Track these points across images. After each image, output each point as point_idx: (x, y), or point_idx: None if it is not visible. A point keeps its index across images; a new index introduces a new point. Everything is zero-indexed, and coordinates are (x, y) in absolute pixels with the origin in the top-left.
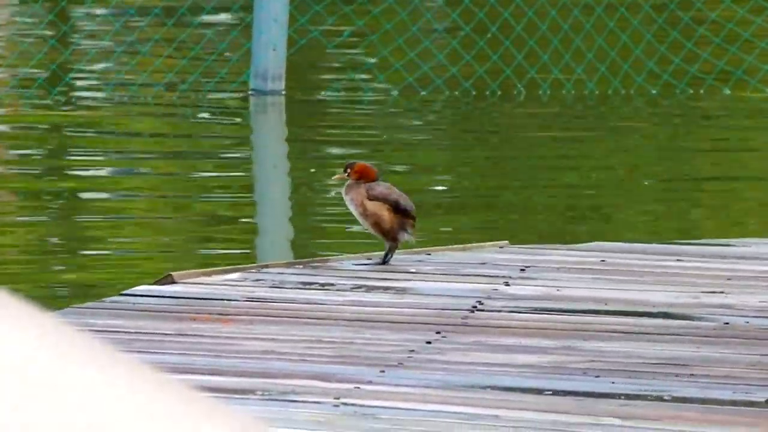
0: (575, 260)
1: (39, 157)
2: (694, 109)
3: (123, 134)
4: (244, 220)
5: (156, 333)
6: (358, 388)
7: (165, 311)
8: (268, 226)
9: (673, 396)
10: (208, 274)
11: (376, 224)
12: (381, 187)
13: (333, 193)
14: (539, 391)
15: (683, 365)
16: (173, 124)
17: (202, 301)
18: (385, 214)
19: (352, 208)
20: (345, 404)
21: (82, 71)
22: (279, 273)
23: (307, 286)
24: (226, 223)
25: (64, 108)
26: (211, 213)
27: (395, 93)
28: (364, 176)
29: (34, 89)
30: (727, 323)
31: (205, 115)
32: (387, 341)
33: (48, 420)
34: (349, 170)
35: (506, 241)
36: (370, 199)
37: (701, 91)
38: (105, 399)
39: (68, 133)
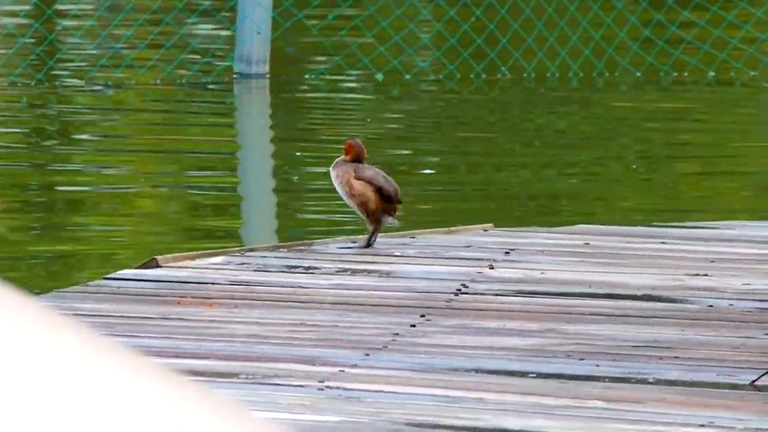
0: (559, 243)
1: (22, 140)
2: (678, 92)
3: (106, 117)
4: (228, 203)
5: (140, 317)
6: (343, 371)
7: (149, 295)
8: (253, 209)
9: (656, 378)
10: (192, 258)
11: (363, 204)
12: (369, 171)
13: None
14: (523, 374)
15: (667, 348)
16: (157, 108)
17: (186, 284)
18: (372, 195)
19: (336, 185)
20: (329, 387)
21: (66, 54)
22: (263, 256)
23: (292, 270)
24: (210, 206)
25: (48, 92)
26: (195, 196)
27: (380, 76)
28: (349, 153)
29: (19, 72)
30: (711, 306)
31: (190, 98)
32: (371, 324)
33: (34, 409)
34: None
35: (491, 224)
36: (357, 179)
37: (685, 75)
38: (89, 385)
39: (52, 116)
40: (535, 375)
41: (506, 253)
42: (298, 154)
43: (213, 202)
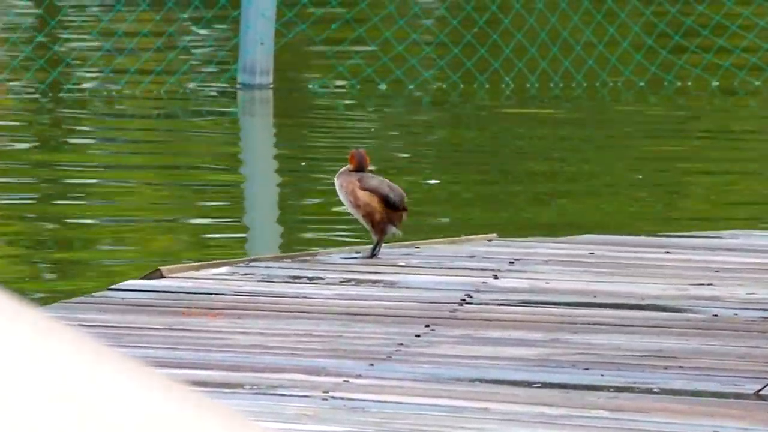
0: (564, 253)
1: (26, 150)
2: (681, 102)
3: (111, 128)
4: (232, 214)
5: (144, 327)
6: (347, 381)
7: (153, 306)
8: (257, 220)
9: (661, 388)
10: (197, 269)
11: (369, 214)
12: (374, 181)
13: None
14: (528, 384)
15: (672, 357)
16: (161, 119)
17: (191, 295)
18: (377, 205)
19: (340, 194)
20: (334, 398)
21: (70, 66)
22: (267, 267)
23: (296, 280)
24: (214, 217)
25: (52, 103)
26: (199, 207)
27: (383, 86)
28: (352, 162)
29: (22, 84)
30: (715, 315)
31: (193, 109)
32: (376, 335)
33: (36, 419)
34: None
35: (495, 234)
36: (362, 190)
37: (689, 83)
38: (92, 396)
39: (56, 127)
40: (539, 385)
41: (511, 263)
42: (302, 164)
43: (217, 212)
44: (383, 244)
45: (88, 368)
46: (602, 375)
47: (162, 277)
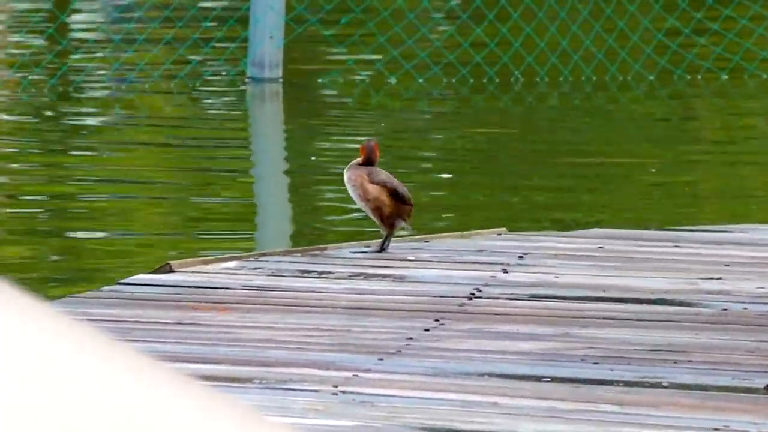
0: (573, 247)
1: (35, 144)
2: (691, 95)
3: (120, 122)
4: (242, 208)
5: (154, 322)
6: (357, 376)
7: (163, 300)
8: (267, 214)
9: (671, 382)
10: (206, 263)
11: (378, 209)
12: (383, 174)
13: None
14: (537, 378)
15: (681, 352)
16: (171, 112)
17: (200, 289)
18: (387, 199)
19: (349, 188)
20: (343, 392)
21: (79, 59)
22: (277, 261)
23: (305, 275)
24: (224, 211)
25: (61, 96)
26: (209, 201)
27: (393, 80)
28: (362, 153)
29: (32, 77)
30: (725, 309)
31: (203, 102)
32: (385, 329)
33: (46, 413)
34: None
35: (504, 228)
36: (371, 183)
37: (699, 77)
38: (102, 389)
39: (65, 121)
40: (548, 379)
41: (520, 257)
42: (312, 158)
43: (226, 206)
44: (392, 239)
45: (98, 363)
46: (611, 369)
47: (171, 271)
